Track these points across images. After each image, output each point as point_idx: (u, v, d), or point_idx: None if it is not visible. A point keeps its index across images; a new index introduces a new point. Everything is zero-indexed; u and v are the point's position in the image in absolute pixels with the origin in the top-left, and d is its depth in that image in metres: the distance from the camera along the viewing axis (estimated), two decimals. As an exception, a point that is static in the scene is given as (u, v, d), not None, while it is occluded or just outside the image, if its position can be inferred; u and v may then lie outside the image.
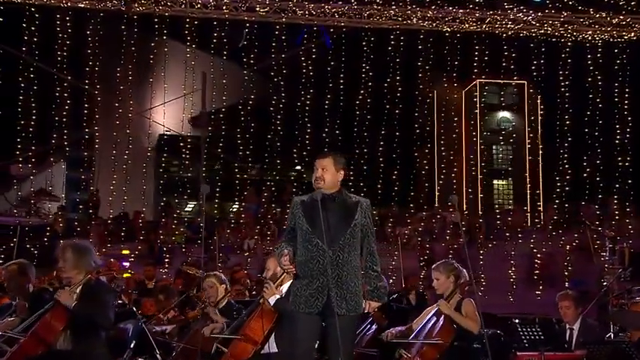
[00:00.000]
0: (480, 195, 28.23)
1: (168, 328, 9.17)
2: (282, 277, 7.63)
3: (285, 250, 6.24)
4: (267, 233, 21.48)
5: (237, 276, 14.04)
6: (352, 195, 6.54)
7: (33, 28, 18.76)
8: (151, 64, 22.26)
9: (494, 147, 31.52)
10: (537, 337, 8.73)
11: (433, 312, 7.95)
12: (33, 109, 19.41)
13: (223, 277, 8.97)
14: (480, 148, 29.50)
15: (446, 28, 19.38)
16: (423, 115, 21.88)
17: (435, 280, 8.10)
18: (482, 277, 18.59)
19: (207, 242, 19.79)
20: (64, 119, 19.87)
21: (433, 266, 8.23)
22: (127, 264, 19.44)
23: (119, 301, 9.89)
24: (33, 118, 19.39)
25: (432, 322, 7.85)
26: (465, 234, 22.63)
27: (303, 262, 6.28)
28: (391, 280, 17.19)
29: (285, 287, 7.48)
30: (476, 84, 30.18)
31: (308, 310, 6.18)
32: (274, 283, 7.62)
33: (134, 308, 8.57)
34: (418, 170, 22.07)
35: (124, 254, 20.49)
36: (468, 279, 8.10)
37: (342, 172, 6.49)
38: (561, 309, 8.94)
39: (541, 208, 24.64)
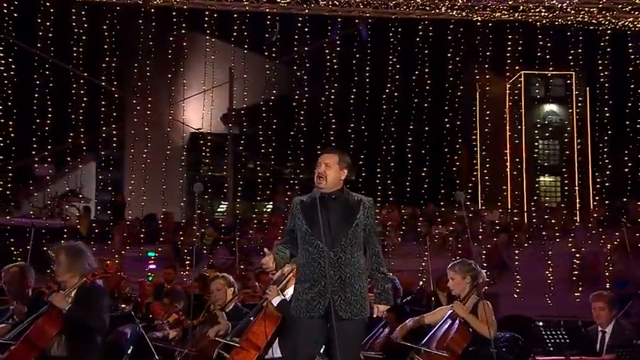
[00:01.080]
0: (525, 192, 27.96)
1: (171, 333, 9.11)
2: (288, 279, 7.60)
3: (266, 250, 6.22)
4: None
5: (262, 278, 13.98)
6: (354, 194, 6.49)
7: (48, 24, 18.87)
8: (169, 59, 22.23)
9: (539, 142, 31.17)
10: (562, 341, 8.60)
11: (448, 314, 7.83)
12: (49, 107, 19.53)
13: (232, 279, 8.90)
14: (525, 143, 29.14)
15: (477, 17, 19.18)
16: (453, 109, 21.58)
17: (450, 280, 7.99)
18: (518, 279, 18.61)
19: (230, 244, 19.85)
20: (81, 117, 19.94)
21: (449, 265, 8.11)
22: (153, 266, 19.51)
23: (123, 305, 9.89)
24: (49, 117, 19.51)
25: (447, 324, 7.74)
26: (503, 233, 22.48)
27: (304, 265, 6.25)
28: (421, 282, 17.17)
29: (289, 291, 7.43)
30: (520, 76, 29.84)
31: (310, 314, 6.13)
32: (279, 286, 7.59)
33: (132, 312, 8.54)
34: (449, 167, 21.78)
35: (150, 256, 20.56)
36: (486, 280, 7.98)
37: (346, 172, 6.45)
38: (594, 310, 8.78)
39: (591, 206, 24.36)
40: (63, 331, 6.87)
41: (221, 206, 29.73)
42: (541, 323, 9.71)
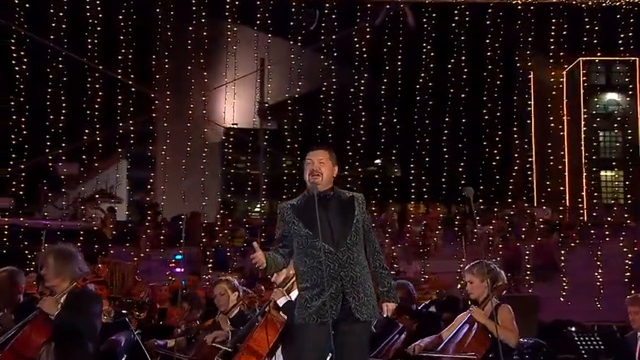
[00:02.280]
0: (584, 188, 27.61)
1: (169, 342, 9.04)
2: (292, 282, 7.59)
3: (255, 244, 6.18)
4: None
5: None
6: (345, 190, 6.51)
7: (61, 14, 18.98)
8: (199, 51, 22.21)
9: (600, 133, 30.79)
10: (597, 347, 8.50)
11: (466, 319, 7.75)
12: (64, 103, 19.59)
13: (236, 283, 8.88)
14: (585, 135, 28.77)
15: (516, 1, 18.98)
16: (493, 100, 21.31)
17: (468, 284, 7.90)
18: (565, 280, 18.45)
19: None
20: (97, 112, 19.99)
21: (466, 267, 8.03)
22: (180, 270, 19.58)
23: (124, 311, 9.91)
24: (64, 113, 19.57)
25: (465, 329, 7.65)
26: (554, 232, 22.28)
27: (309, 271, 6.21)
28: (459, 285, 17.08)
29: (294, 293, 7.41)
30: (578, 62, 29.45)
31: (321, 320, 6.08)
32: (284, 287, 7.58)
33: (126, 320, 8.54)
34: (488, 161, 21.54)
35: (176, 259, 20.63)
36: (505, 282, 7.90)
37: (336, 169, 6.49)
38: (630, 314, 8.74)
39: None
40: (52, 338, 6.83)
41: (257, 207, 29.76)
42: (573, 329, 9.61)
